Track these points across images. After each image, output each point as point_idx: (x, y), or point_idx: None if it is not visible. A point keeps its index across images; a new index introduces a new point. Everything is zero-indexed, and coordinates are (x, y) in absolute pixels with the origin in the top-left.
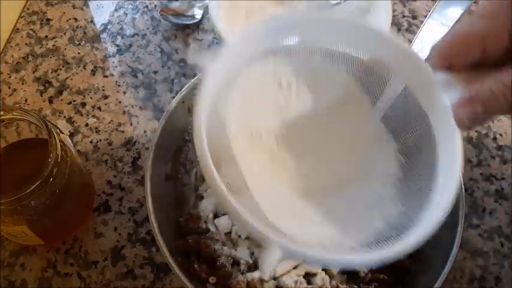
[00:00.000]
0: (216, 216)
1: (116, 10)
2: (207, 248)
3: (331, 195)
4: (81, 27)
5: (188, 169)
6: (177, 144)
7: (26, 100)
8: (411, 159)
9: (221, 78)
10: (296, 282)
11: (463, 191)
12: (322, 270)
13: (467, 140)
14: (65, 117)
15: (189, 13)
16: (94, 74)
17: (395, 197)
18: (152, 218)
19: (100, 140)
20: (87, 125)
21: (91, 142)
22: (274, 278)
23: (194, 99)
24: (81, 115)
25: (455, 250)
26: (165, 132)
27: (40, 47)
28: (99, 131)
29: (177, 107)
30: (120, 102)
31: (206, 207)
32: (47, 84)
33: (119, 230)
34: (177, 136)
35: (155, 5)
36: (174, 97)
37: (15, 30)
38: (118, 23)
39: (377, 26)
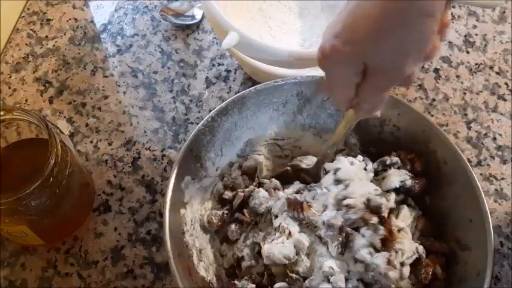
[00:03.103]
0: None
1: (116, 10)
2: None
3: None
4: (81, 27)
5: None
6: None
7: (26, 100)
8: None
9: None
10: None
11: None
12: None
13: (467, 140)
14: (65, 117)
15: (189, 13)
16: (94, 74)
17: None
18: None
19: (100, 140)
20: (87, 125)
21: (91, 142)
22: None
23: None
24: (81, 115)
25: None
26: (176, 188)
27: (40, 47)
28: (99, 131)
29: (185, 155)
30: (120, 102)
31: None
32: (47, 84)
33: (119, 230)
34: None
35: (155, 5)
36: (173, 97)
37: (16, 30)
38: (118, 23)
39: None
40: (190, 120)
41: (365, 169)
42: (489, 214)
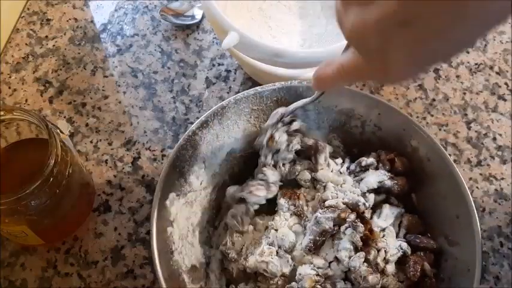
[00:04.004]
0: None
1: (116, 10)
2: None
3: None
4: (81, 27)
5: None
6: None
7: (26, 100)
8: None
9: None
10: None
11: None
12: None
13: (467, 140)
14: (65, 117)
15: (189, 13)
16: (94, 74)
17: None
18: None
19: (100, 140)
20: (87, 125)
21: (91, 142)
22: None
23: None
24: (81, 115)
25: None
26: (161, 207)
27: (40, 47)
28: (99, 131)
29: (169, 172)
30: (120, 102)
31: None
32: (47, 84)
33: (119, 230)
34: None
35: (155, 5)
36: (173, 97)
37: (16, 30)
38: (118, 23)
39: None
40: (190, 120)
41: (340, 172)
42: (475, 208)
